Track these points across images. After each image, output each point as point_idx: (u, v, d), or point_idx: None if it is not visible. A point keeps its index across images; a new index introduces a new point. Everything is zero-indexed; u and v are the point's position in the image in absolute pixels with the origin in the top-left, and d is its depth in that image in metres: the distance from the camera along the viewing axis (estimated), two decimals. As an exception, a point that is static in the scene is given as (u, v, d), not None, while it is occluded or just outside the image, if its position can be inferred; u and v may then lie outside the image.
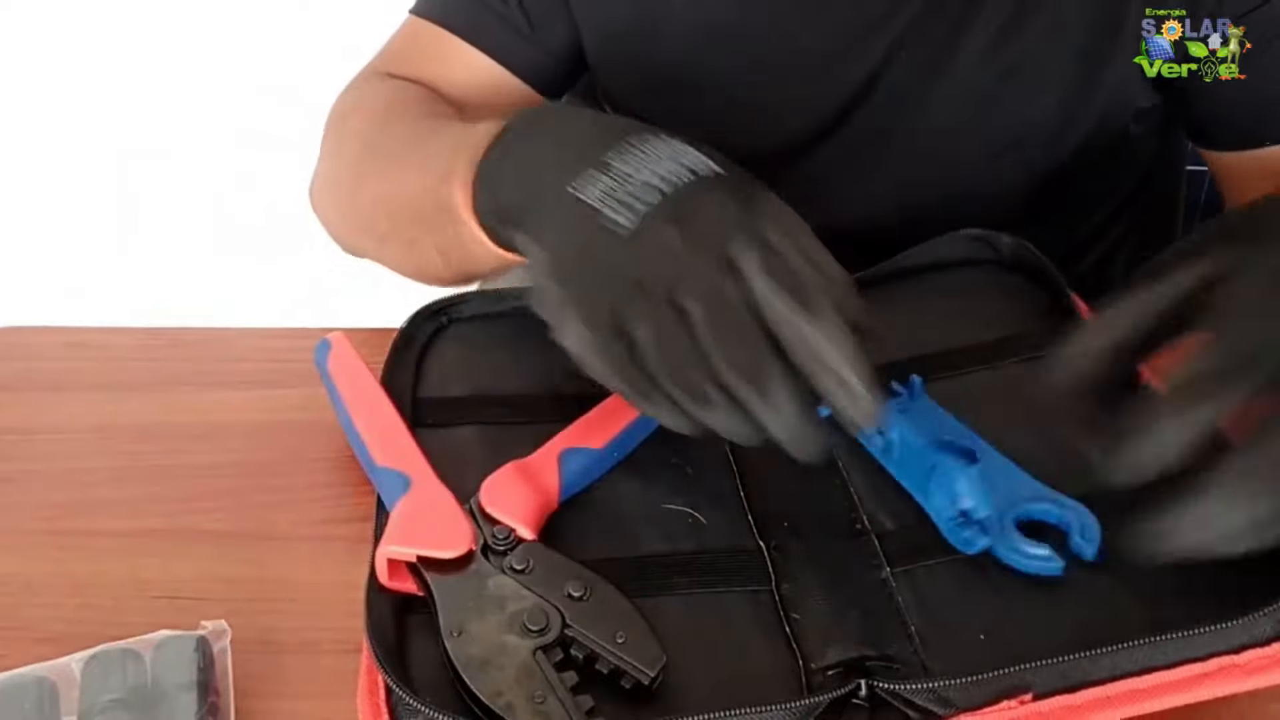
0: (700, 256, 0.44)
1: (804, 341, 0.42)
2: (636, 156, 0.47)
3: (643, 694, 0.42)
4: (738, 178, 0.47)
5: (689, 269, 0.44)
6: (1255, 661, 0.41)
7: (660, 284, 0.44)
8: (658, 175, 0.46)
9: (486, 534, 0.47)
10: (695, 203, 0.45)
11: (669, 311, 0.43)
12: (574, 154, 0.49)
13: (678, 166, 0.46)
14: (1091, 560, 0.45)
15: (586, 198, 0.46)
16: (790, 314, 0.42)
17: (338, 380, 0.57)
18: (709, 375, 0.42)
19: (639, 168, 0.47)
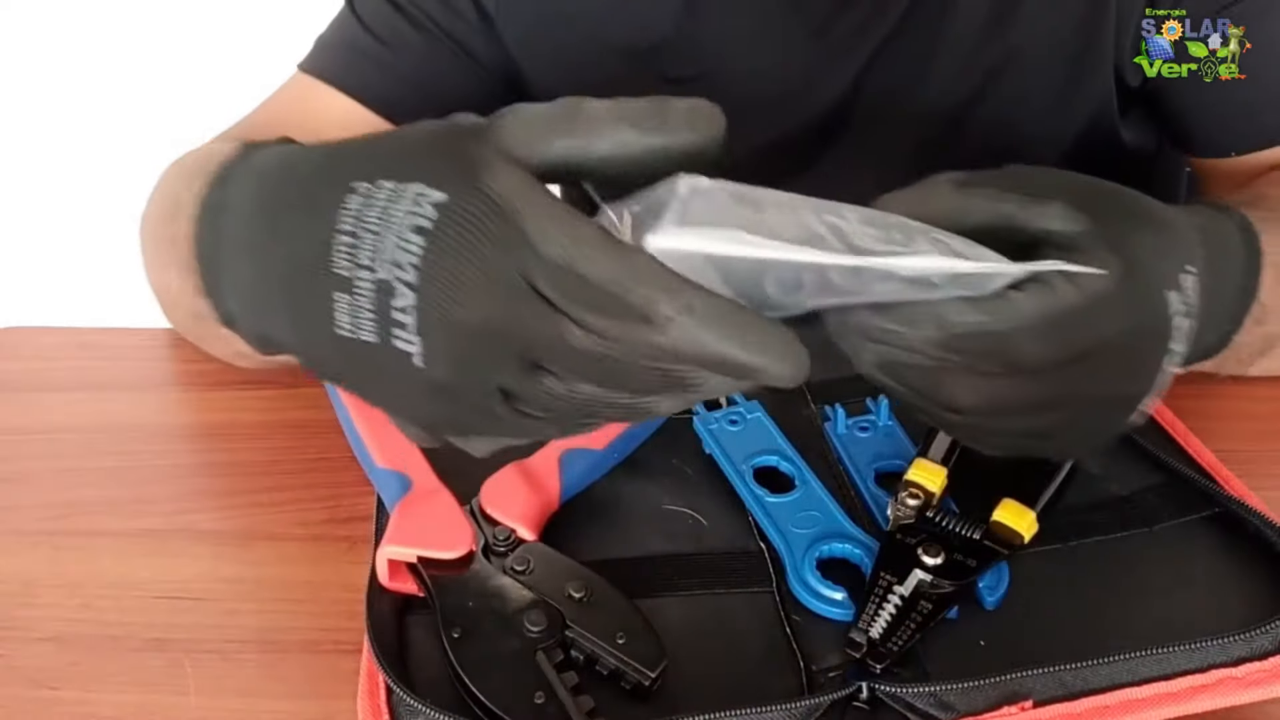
0: (511, 328, 0.35)
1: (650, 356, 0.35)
2: (363, 243, 0.36)
3: (643, 695, 0.42)
4: (469, 205, 0.35)
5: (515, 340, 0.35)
6: (1253, 675, 0.41)
7: (515, 370, 0.36)
8: (392, 256, 0.36)
9: (487, 535, 0.47)
10: (456, 273, 0.35)
11: (550, 381, 0.36)
12: (293, 267, 0.39)
13: (405, 230, 0.36)
14: (991, 608, 0.46)
15: (351, 331, 0.37)
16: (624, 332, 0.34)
17: None
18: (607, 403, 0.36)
19: (374, 259, 0.36)
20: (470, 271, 0.35)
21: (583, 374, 0.35)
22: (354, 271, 0.36)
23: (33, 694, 0.44)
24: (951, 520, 0.47)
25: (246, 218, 0.42)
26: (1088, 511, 0.50)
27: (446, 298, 0.35)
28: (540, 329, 0.35)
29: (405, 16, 0.73)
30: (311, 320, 0.38)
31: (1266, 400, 0.60)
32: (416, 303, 0.36)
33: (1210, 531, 0.49)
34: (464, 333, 0.35)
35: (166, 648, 0.46)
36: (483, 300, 0.35)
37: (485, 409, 0.37)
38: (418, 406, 0.39)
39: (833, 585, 0.45)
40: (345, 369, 0.39)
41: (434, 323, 0.36)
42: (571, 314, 0.34)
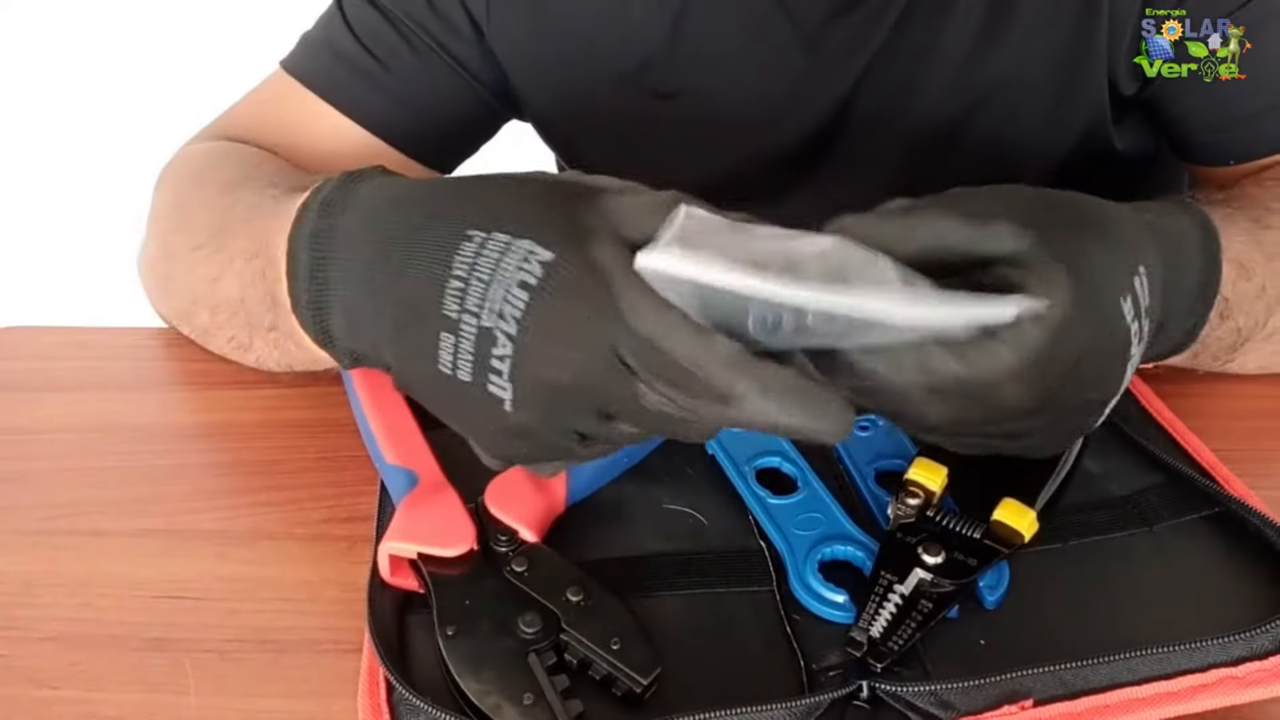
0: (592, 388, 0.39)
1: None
2: (471, 290, 0.39)
3: (635, 702, 0.41)
4: (572, 270, 0.39)
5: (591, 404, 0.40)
6: (1253, 674, 0.41)
7: (592, 419, 0.41)
8: (498, 307, 0.39)
9: (489, 535, 0.47)
10: (552, 331, 0.39)
11: (622, 426, 0.41)
12: (404, 304, 0.42)
13: (512, 285, 0.39)
14: (991, 607, 0.46)
15: (450, 370, 0.41)
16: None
17: (355, 377, 0.57)
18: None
19: (481, 307, 0.39)
20: (565, 331, 0.38)
21: (652, 428, 0.40)
22: (461, 315, 0.40)
23: (33, 694, 0.44)
24: (952, 519, 0.47)
25: (358, 245, 0.45)
26: (1088, 511, 0.50)
27: (541, 353, 0.39)
28: (619, 391, 0.39)
29: (399, 32, 0.72)
30: (417, 354, 0.41)
31: (1266, 399, 0.60)
32: (513, 353, 0.39)
33: (1210, 531, 0.49)
34: (552, 386, 0.39)
35: (167, 648, 0.46)
36: (572, 359, 0.39)
37: (561, 448, 0.42)
38: (501, 443, 0.43)
39: (834, 588, 0.45)
40: (439, 399, 0.43)
41: (527, 374, 0.39)
42: (652, 386, 0.38)
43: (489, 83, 0.75)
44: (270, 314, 0.53)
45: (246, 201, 0.57)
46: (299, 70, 0.74)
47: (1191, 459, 0.53)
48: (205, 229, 0.60)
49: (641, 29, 0.71)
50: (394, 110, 0.73)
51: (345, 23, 0.73)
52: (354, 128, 0.72)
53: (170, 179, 0.69)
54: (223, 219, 0.58)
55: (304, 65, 0.74)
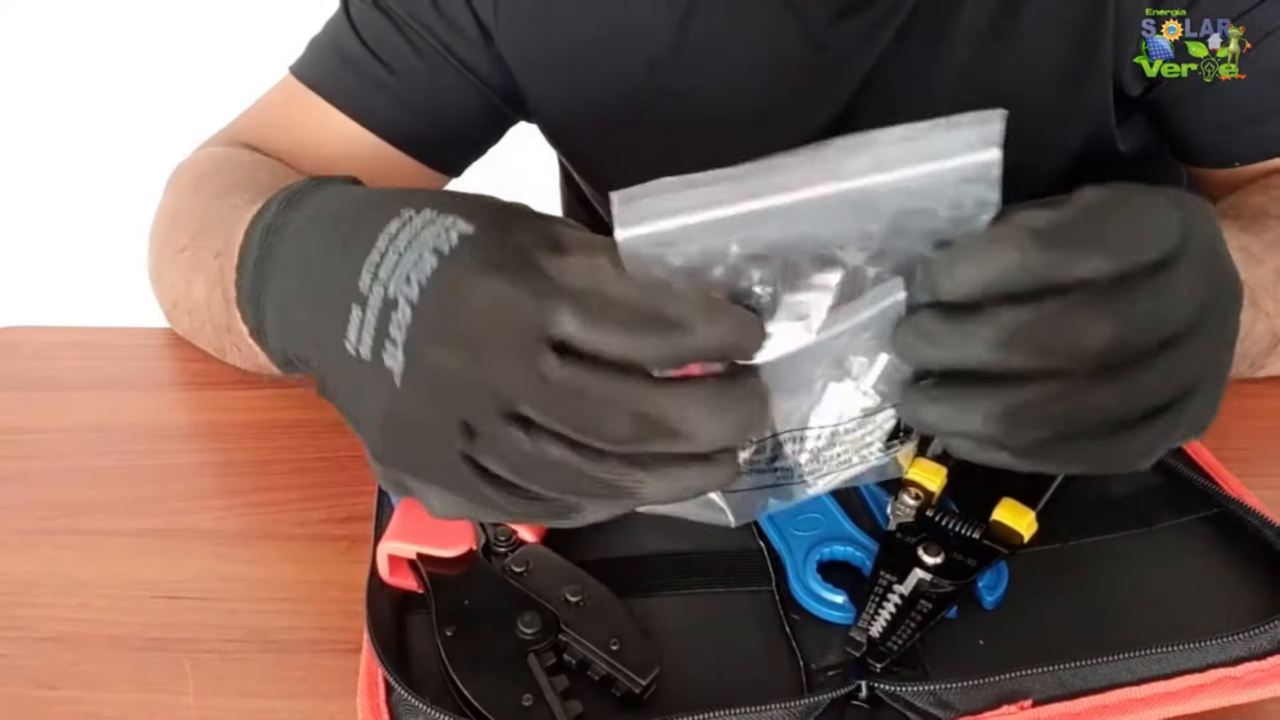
0: (501, 358, 0.35)
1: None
2: (386, 261, 0.38)
3: (633, 702, 0.41)
4: (493, 239, 0.37)
5: (495, 384, 0.36)
6: (1252, 674, 0.41)
7: (486, 408, 0.36)
8: (406, 272, 0.37)
9: (488, 535, 0.47)
10: (460, 295, 0.36)
11: (517, 433, 0.36)
12: (326, 283, 0.40)
13: (425, 251, 0.37)
14: (990, 607, 0.45)
15: (354, 347, 0.38)
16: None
17: None
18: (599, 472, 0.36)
19: (391, 275, 0.37)
20: (475, 297, 0.35)
21: (557, 415, 0.35)
22: (371, 287, 0.38)
23: (33, 694, 0.44)
24: (951, 520, 0.47)
25: (303, 236, 0.43)
26: (1087, 511, 0.50)
27: (440, 318, 0.36)
28: (526, 366, 0.35)
29: (404, 35, 0.72)
30: (327, 332, 0.39)
31: (1265, 399, 0.60)
32: (410, 319, 0.36)
33: (1209, 531, 0.49)
34: (447, 354, 0.36)
35: (166, 648, 0.46)
36: (476, 323, 0.35)
37: (441, 447, 0.37)
38: (384, 434, 0.38)
39: (834, 589, 0.45)
40: (340, 386, 0.40)
41: (418, 343, 0.36)
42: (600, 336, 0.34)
43: (495, 85, 0.75)
44: (225, 312, 0.53)
45: (230, 204, 0.56)
46: (306, 75, 0.74)
47: (1190, 460, 0.53)
48: (188, 232, 0.60)
49: (649, 29, 0.71)
50: (400, 113, 0.73)
51: (351, 27, 0.73)
52: (361, 131, 0.73)
53: (175, 184, 0.70)
54: (204, 223, 0.59)
55: (311, 70, 0.74)
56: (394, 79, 0.73)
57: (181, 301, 0.61)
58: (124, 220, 0.75)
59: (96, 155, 1.66)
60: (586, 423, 0.35)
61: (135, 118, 1.63)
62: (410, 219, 0.38)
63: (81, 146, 1.69)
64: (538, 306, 0.35)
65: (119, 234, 0.76)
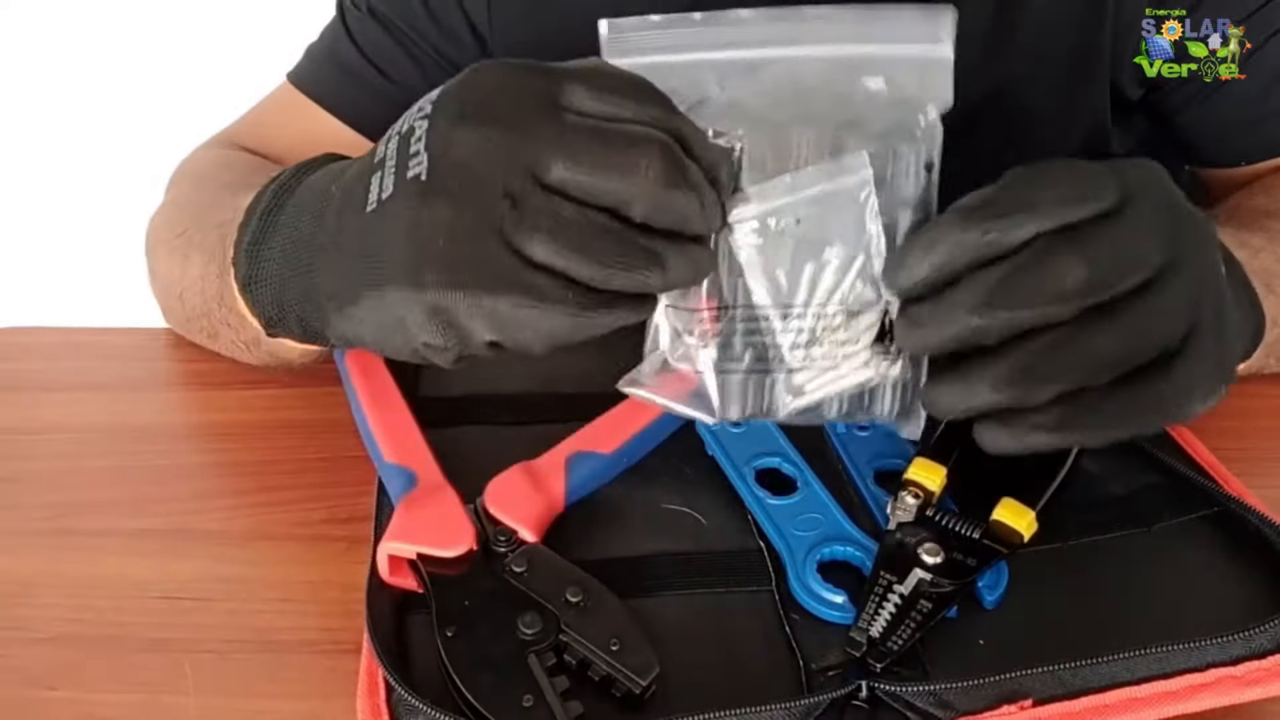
0: (527, 125, 0.38)
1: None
2: (396, 126, 0.41)
3: (634, 703, 0.41)
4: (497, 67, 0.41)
5: (526, 149, 0.38)
6: (1252, 674, 0.41)
7: (515, 178, 0.38)
8: (418, 108, 0.41)
9: (489, 535, 0.47)
10: (477, 88, 0.40)
11: (556, 197, 0.38)
12: (342, 188, 0.43)
13: (432, 95, 0.41)
14: (990, 607, 0.46)
15: (377, 200, 0.40)
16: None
17: (354, 375, 0.57)
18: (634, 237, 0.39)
19: (403, 122, 0.41)
20: (489, 82, 0.39)
21: (589, 161, 0.37)
22: (387, 144, 0.40)
23: (33, 694, 0.44)
24: (951, 519, 0.47)
25: (312, 187, 0.46)
26: (1087, 511, 0.50)
27: (458, 106, 0.38)
28: (547, 120, 0.37)
29: (401, 44, 0.73)
30: (348, 205, 0.41)
31: (1264, 398, 0.60)
32: (430, 113, 0.39)
33: (1209, 530, 0.49)
34: (473, 131, 0.38)
35: (166, 648, 0.46)
36: (495, 100, 0.38)
37: (485, 238, 0.37)
38: (424, 247, 0.38)
39: (834, 589, 0.45)
40: (363, 256, 0.40)
41: (441, 131, 0.38)
42: (606, 100, 0.38)
43: None
44: (218, 282, 0.53)
45: (233, 191, 0.57)
46: (304, 82, 0.75)
47: (1190, 459, 0.53)
48: (189, 220, 0.61)
49: None
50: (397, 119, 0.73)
51: (348, 34, 0.74)
52: (360, 139, 0.73)
53: (175, 185, 0.71)
54: (206, 210, 0.59)
55: (308, 77, 0.75)
56: (392, 87, 0.73)
57: (175, 285, 0.61)
58: (124, 221, 0.75)
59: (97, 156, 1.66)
60: (616, 161, 0.37)
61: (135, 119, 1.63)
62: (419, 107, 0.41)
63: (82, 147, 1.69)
64: (549, 79, 0.38)
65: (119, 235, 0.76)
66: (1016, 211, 0.39)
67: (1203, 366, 0.40)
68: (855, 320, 0.43)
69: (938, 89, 0.43)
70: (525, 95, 0.38)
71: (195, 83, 1.54)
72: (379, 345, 0.42)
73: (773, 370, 0.44)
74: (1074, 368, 0.39)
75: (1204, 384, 0.41)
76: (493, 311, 0.38)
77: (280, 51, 0.77)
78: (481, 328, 0.39)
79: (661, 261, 0.39)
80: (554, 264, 0.38)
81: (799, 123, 0.42)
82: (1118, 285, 0.39)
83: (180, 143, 0.75)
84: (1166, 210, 0.41)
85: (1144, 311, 0.39)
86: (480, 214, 0.37)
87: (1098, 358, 0.39)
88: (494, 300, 0.38)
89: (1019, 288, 0.38)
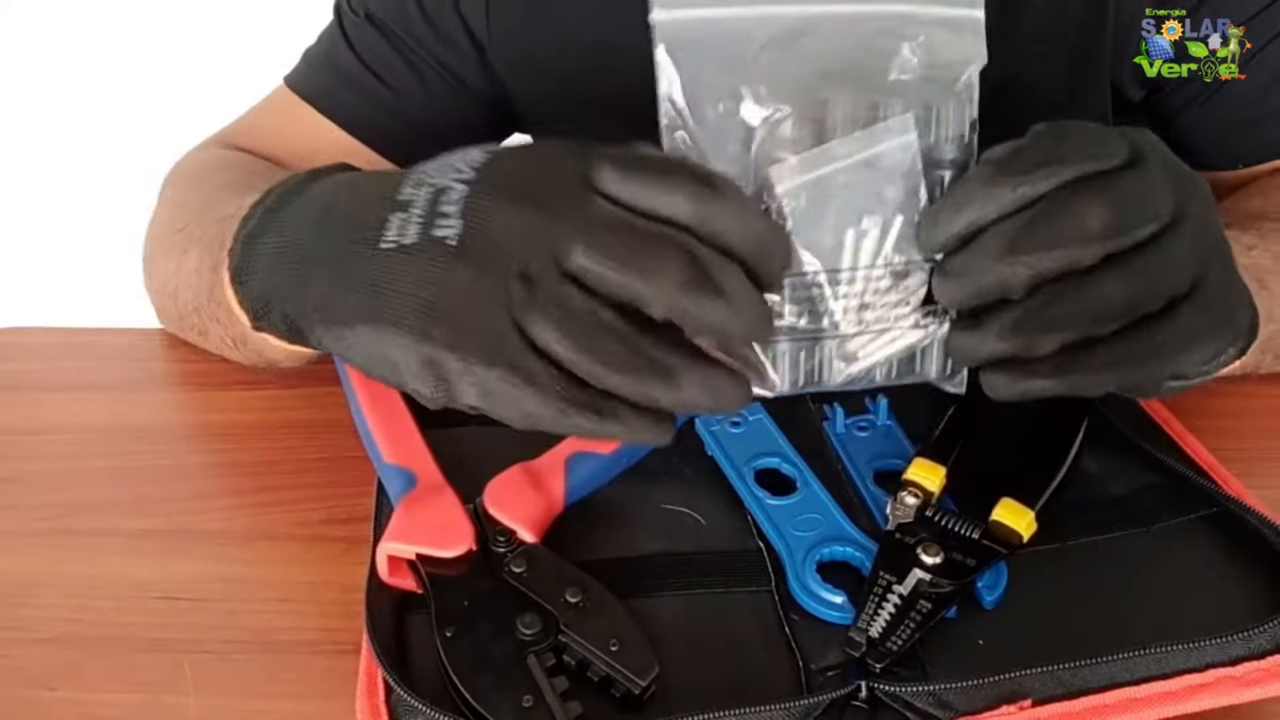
0: (559, 212, 0.39)
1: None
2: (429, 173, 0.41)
3: (633, 704, 0.41)
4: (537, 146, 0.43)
5: (559, 231, 0.38)
6: (1251, 674, 0.41)
7: (537, 260, 0.38)
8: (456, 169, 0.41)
9: (488, 535, 0.47)
10: (517, 167, 0.41)
11: (572, 288, 0.38)
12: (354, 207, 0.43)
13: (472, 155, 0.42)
14: (990, 607, 0.46)
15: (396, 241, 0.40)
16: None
17: (354, 376, 0.57)
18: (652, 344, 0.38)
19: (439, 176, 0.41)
20: (527, 161, 0.41)
21: (610, 253, 0.37)
22: (416, 190, 0.41)
23: (32, 694, 0.44)
24: (950, 519, 0.47)
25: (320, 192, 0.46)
26: (1086, 511, 0.50)
27: (496, 179, 0.40)
28: (580, 210, 0.38)
29: (399, 51, 0.73)
30: (359, 240, 0.41)
31: (1263, 398, 0.60)
32: (471, 182, 0.40)
33: (1209, 531, 0.49)
34: (505, 206, 0.39)
35: (166, 648, 0.46)
36: (530, 178, 0.39)
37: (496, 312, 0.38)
38: (435, 304, 0.39)
39: (833, 589, 0.45)
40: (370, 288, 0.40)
41: (478, 200, 0.39)
42: (635, 184, 0.38)
43: (489, 98, 0.75)
44: (213, 275, 0.53)
45: (236, 190, 0.58)
46: (302, 87, 0.74)
47: (1189, 459, 0.53)
48: (188, 216, 0.61)
49: (643, 39, 0.71)
50: (395, 127, 0.74)
51: (346, 40, 0.74)
52: (358, 145, 0.73)
53: (173, 183, 0.70)
54: (206, 207, 0.59)
55: (307, 82, 0.75)
56: (389, 93, 0.73)
57: (171, 280, 0.61)
58: (124, 221, 0.75)
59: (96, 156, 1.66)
60: (635, 259, 0.37)
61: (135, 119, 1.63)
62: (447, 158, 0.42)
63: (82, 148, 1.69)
64: (581, 161, 0.39)
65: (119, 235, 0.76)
66: (1046, 164, 0.40)
67: (1206, 317, 0.41)
68: (904, 282, 0.44)
69: (973, 50, 0.44)
70: (561, 176, 0.39)
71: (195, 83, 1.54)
72: (365, 369, 0.42)
73: (823, 338, 0.44)
74: (1080, 315, 0.40)
75: (1207, 336, 0.42)
76: (483, 380, 0.39)
77: (279, 54, 0.77)
78: (469, 391, 0.39)
79: (672, 377, 0.38)
80: (552, 351, 0.38)
81: (838, 88, 0.42)
82: (1136, 231, 0.40)
83: (180, 143, 0.75)
84: (1173, 167, 0.43)
85: (1154, 260, 0.40)
86: (495, 289, 0.38)
87: (1104, 304, 0.40)
88: (486, 371, 0.38)
89: (1043, 232, 0.40)
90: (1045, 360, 0.41)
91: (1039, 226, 0.40)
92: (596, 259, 0.37)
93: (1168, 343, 0.41)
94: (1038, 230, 0.40)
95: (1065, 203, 0.40)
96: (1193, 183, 0.44)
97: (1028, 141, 0.42)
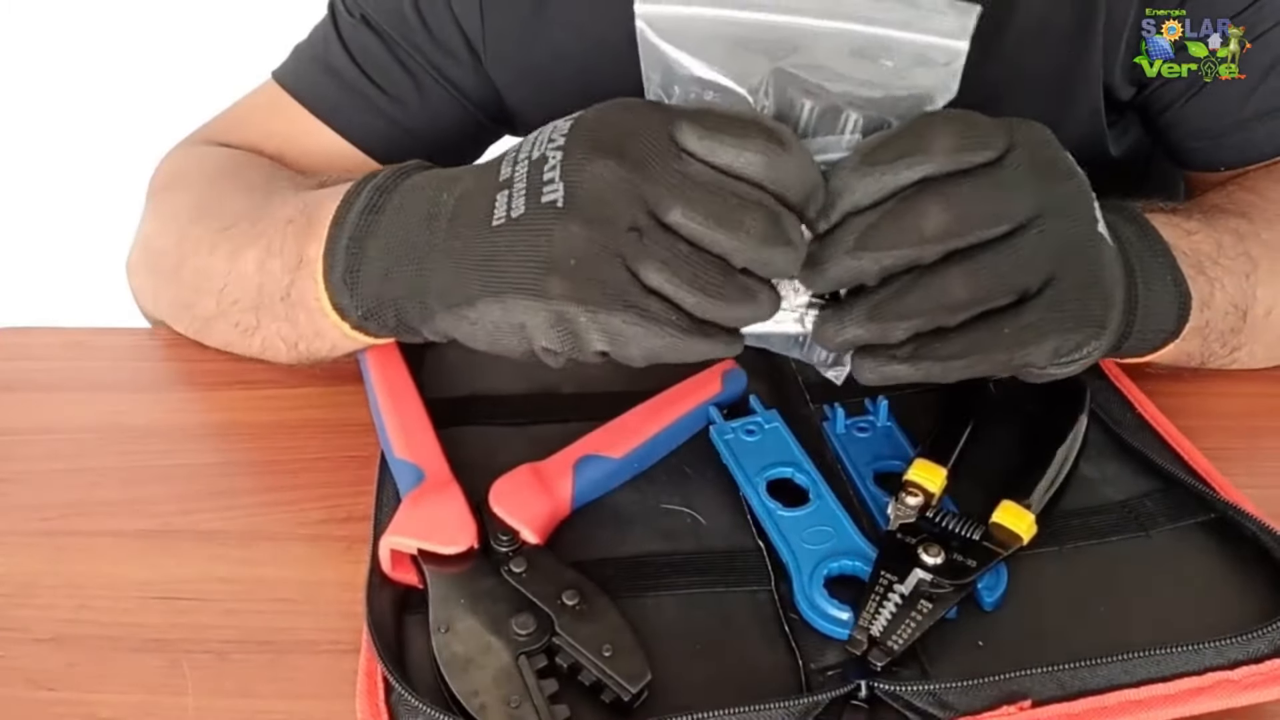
0: (651, 164, 0.43)
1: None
2: (522, 149, 0.46)
3: (623, 710, 0.41)
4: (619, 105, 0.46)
5: (651, 183, 0.43)
6: (1250, 678, 0.41)
7: (639, 213, 0.42)
8: (546, 137, 0.45)
9: (491, 534, 0.47)
10: (603, 126, 0.44)
11: (671, 236, 0.43)
12: (460, 198, 0.47)
13: (560, 125, 0.45)
14: (990, 608, 0.46)
15: (505, 216, 0.44)
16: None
17: (373, 370, 0.57)
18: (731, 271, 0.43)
19: (533, 149, 0.45)
20: (615, 121, 0.44)
21: (703, 210, 0.42)
22: (514, 167, 0.45)
23: (32, 694, 0.44)
24: (951, 520, 0.47)
25: (414, 189, 0.49)
26: (1085, 515, 0.50)
27: (589, 142, 0.43)
28: (670, 166, 0.42)
29: (393, 54, 0.72)
30: (472, 223, 0.45)
31: (1259, 398, 0.60)
32: (563, 147, 0.43)
33: (1207, 536, 0.49)
34: (603, 167, 0.42)
35: (165, 648, 0.46)
36: (621, 140, 0.43)
37: (611, 261, 0.42)
38: (556, 262, 0.42)
39: (839, 604, 0.45)
40: (488, 264, 0.44)
41: (576, 162, 0.43)
42: (714, 139, 0.42)
43: (484, 104, 0.75)
44: (288, 277, 0.54)
45: (280, 186, 0.60)
46: (293, 85, 0.74)
47: (1187, 465, 0.53)
48: (235, 214, 0.60)
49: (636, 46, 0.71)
50: (388, 131, 0.73)
51: (341, 42, 0.73)
52: (347, 146, 0.73)
53: (178, 180, 0.70)
54: (264, 202, 0.59)
55: (298, 81, 0.74)
56: (383, 98, 0.73)
57: (214, 280, 0.59)
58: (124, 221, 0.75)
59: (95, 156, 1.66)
60: (727, 217, 0.42)
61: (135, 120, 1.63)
62: (538, 133, 0.46)
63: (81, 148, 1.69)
64: (664, 117, 0.43)
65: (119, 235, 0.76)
66: (909, 155, 0.43)
67: (1056, 314, 0.43)
68: None
69: (942, 83, 0.46)
70: (647, 132, 0.43)
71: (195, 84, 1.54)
72: (489, 344, 0.46)
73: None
74: (925, 307, 0.43)
75: (1059, 331, 0.44)
76: (607, 325, 0.42)
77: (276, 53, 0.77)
78: (596, 339, 0.43)
79: (754, 297, 0.43)
80: (665, 290, 0.42)
81: (810, 95, 0.45)
82: (978, 232, 0.43)
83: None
84: (1046, 166, 0.45)
85: (1000, 259, 0.43)
86: (608, 240, 0.42)
87: (948, 297, 0.43)
88: (609, 316, 0.42)
89: (883, 231, 0.43)
90: (902, 347, 0.44)
91: (884, 224, 0.43)
92: (693, 217, 0.42)
93: (1015, 336, 0.43)
94: (881, 227, 0.43)
95: (908, 203, 0.43)
96: (1067, 179, 0.45)
97: (899, 130, 0.44)
